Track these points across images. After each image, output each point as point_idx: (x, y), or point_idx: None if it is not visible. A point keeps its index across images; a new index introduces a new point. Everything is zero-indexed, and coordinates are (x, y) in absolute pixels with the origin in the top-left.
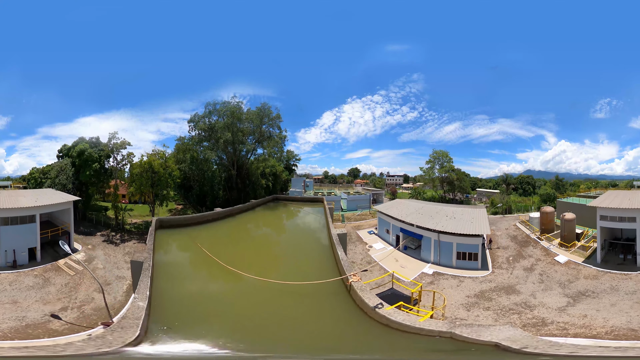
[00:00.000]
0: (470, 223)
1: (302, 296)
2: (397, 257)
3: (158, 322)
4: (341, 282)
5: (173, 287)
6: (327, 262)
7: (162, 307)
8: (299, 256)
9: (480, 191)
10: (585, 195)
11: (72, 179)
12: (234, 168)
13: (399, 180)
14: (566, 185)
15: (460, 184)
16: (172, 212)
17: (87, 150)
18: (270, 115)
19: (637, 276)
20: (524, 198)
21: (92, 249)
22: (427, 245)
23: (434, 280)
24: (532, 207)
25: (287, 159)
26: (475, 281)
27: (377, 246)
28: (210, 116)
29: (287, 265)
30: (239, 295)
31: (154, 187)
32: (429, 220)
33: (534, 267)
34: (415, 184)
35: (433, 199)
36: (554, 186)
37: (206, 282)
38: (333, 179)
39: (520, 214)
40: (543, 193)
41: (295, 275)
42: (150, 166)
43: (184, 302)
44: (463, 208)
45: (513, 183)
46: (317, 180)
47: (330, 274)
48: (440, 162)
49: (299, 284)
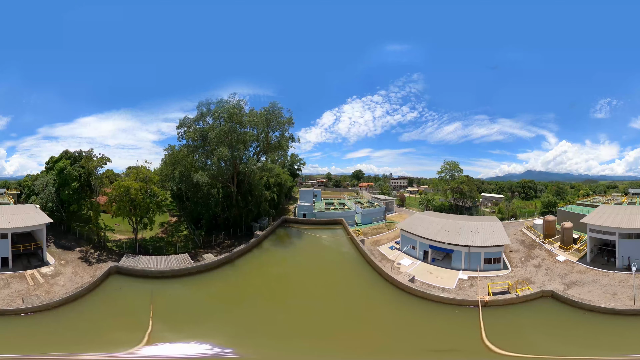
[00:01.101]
0: (493, 236)
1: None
2: (429, 270)
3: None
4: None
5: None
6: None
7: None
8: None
9: (485, 196)
10: (583, 203)
11: (54, 197)
12: (233, 184)
13: (403, 184)
14: (566, 189)
15: (470, 194)
16: (164, 226)
17: (66, 168)
18: (280, 118)
19: (613, 274)
20: (526, 202)
21: (64, 264)
22: (457, 256)
23: (472, 282)
24: (535, 212)
25: (291, 162)
26: (502, 278)
27: (405, 262)
28: (204, 119)
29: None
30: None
31: (134, 211)
32: (458, 236)
33: (541, 264)
34: (420, 187)
35: (443, 206)
36: (554, 193)
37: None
38: (337, 183)
39: (524, 220)
40: (545, 200)
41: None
42: (127, 191)
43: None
44: (482, 222)
45: (515, 188)
46: (320, 184)
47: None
48: (451, 173)
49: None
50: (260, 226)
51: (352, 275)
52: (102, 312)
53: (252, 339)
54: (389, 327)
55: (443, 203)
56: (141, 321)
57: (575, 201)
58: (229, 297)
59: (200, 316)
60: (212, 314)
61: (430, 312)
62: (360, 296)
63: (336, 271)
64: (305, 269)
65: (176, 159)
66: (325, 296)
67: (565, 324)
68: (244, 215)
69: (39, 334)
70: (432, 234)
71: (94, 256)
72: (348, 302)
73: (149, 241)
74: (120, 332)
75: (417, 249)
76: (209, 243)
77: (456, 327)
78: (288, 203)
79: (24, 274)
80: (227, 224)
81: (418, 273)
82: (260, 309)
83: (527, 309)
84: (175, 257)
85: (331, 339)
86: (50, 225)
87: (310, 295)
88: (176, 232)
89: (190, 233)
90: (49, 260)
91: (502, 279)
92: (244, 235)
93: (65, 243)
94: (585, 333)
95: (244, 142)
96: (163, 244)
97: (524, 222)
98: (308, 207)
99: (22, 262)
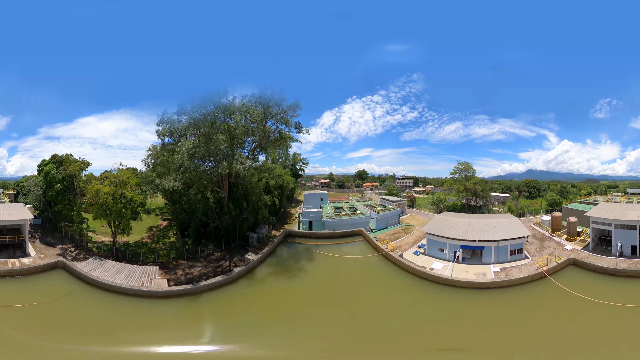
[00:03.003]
0: (516, 229)
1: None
2: (464, 269)
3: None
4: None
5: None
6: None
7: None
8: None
9: (493, 195)
10: (585, 202)
11: (41, 197)
12: (224, 188)
13: (408, 184)
14: (568, 188)
15: (483, 194)
16: (152, 230)
17: (51, 171)
18: (282, 105)
19: (609, 259)
20: (531, 201)
21: (43, 258)
22: (488, 252)
23: (505, 272)
24: (540, 210)
25: (294, 162)
26: (527, 266)
27: (437, 266)
28: (185, 114)
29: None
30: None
31: (108, 215)
32: (487, 233)
33: (553, 253)
34: (427, 187)
35: (455, 206)
36: (558, 192)
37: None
38: (340, 183)
39: (532, 216)
40: (550, 199)
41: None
42: (97, 194)
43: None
44: (502, 219)
45: (521, 187)
46: (323, 184)
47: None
48: (464, 174)
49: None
50: (258, 237)
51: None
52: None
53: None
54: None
55: (455, 203)
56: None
57: (578, 200)
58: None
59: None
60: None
61: (511, 293)
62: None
63: (383, 309)
64: (331, 315)
65: (155, 161)
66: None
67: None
68: (238, 224)
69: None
70: (462, 234)
71: (71, 254)
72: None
73: (130, 245)
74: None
75: (446, 251)
76: (196, 254)
77: (544, 295)
78: (290, 206)
79: (7, 262)
80: (219, 234)
81: (456, 273)
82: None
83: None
84: (142, 270)
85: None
86: (40, 223)
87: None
88: (163, 238)
89: (176, 240)
90: (30, 253)
91: (526, 266)
92: (238, 246)
93: (50, 240)
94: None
95: (235, 135)
96: (144, 250)
97: (532, 219)
98: (315, 214)
99: (7, 252)
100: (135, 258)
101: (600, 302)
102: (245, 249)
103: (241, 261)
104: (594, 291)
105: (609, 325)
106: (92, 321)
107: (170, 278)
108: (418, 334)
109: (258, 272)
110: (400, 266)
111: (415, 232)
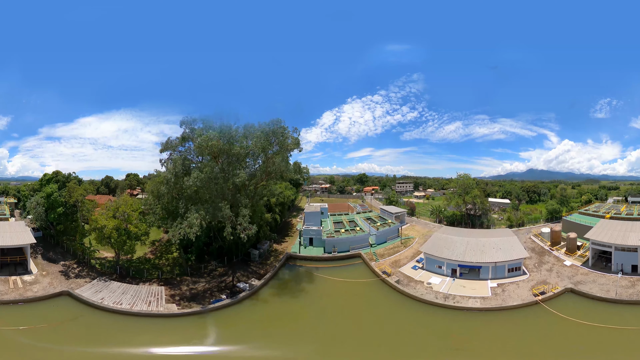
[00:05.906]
0: (514, 250)
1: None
2: (462, 284)
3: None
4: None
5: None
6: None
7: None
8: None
9: (492, 202)
10: (586, 212)
11: (43, 216)
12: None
13: (409, 187)
14: (568, 189)
15: (482, 206)
16: (155, 245)
17: (54, 193)
18: (287, 141)
19: (609, 276)
20: (531, 207)
21: (45, 275)
22: (485, 270)
23: (502, 288)
24: (540, 218)
25: (294, 171)
26: (524, 282)
27: (434, 280)
28: (191, 137)
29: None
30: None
31: (112, 245)
32: (484, 255)
33: (552, 269)
34: (427, 191)
35: (455, 216)
36: (559, 201)
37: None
38: (341, 188)
39: (531, 226)
40: (550, 208)
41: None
42: (101, 230)
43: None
44: (501, 238)
45: (521, 195)
46: (324, 189)
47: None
48: (465, 188)
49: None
50: (260, 252)
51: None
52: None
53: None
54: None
55: (455, 212)
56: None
57: (577, 210)
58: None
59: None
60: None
61: (513, 317)
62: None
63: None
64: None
65: (159, 191)
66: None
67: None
68: (240, 242)
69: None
70: (460, 255)
71: (74, 271)
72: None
73: (133, 262)
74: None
75: (444, 268)
76: (199, 270)
77: (539, 322)
78: (291, 215)
79: (8, 279)
80: (221, 251)
81: (453, 289)
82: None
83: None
84: (148, 290)
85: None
86: (41, 236)
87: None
88: (166, 254)
89: (179, 256)
90: (32, 270)
91: (525, 282)
92: (241, 262)
93: (52, 256)
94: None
95: (237, 156)
96: (148, 267)
97: (531, 229)
98: (315, 232)
99: (9, 269)
100: (139, 275)
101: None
102: (248, 264)
103: (244, 276)
104: (593, 317)
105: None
106: (101, 330)
107: (175, 293)
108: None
109: (262, 294)
110: (397, 290)
111: (415, 244)
